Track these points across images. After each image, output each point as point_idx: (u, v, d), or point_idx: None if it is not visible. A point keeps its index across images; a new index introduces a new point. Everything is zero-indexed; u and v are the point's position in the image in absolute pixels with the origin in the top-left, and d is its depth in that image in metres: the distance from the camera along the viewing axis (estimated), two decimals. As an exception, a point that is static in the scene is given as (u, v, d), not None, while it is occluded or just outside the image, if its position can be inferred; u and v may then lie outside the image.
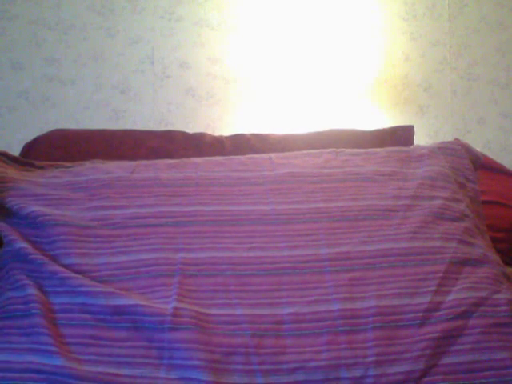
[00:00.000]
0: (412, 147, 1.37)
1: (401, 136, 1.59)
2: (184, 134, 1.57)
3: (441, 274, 1.05)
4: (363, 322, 0.99)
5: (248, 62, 1.99)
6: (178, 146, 1.50)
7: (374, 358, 0.95)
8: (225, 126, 1.96)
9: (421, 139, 1.97)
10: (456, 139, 1.41)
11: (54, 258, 1.04)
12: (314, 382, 0.93)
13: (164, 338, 0.95)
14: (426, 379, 0.94)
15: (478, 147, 1.50)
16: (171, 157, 1.36)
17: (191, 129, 1.76)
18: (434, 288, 1.03)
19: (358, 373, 0.94)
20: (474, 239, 1.13)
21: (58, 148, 1.48)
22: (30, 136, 1.56)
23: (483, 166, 1.36)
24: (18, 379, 0.91)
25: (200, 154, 1.44)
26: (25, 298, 1.00)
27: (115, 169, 1.22)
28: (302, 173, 1.22)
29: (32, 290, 1.00)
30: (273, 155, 1.31)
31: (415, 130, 1.65)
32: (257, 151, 1.45)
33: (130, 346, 0.95)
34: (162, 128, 1.90)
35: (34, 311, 0.98)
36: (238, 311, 0.99)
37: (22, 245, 1.06)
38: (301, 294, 1.02)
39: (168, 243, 1.07)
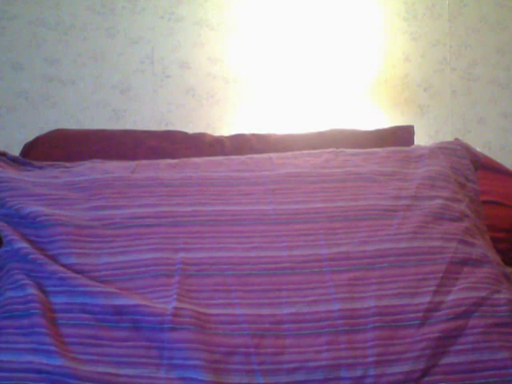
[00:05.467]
0: (412, 147, 1.37)
1: (401, 136, 1.59)
2: (184, 134, 1.57)
3: (441, 274, 1.05)
4: (363, 321, 0.99)
5: (248, 62, 1.99)
6: (178, 146, 1.50)
7: (373, 358, 0.95)
8: (225, 126, 1.96)
9: (421, 139, 1.97)
10: (456, 139, 1.41)
11: (54, 258, 1.04)
12: (314, 381, 0.93)
13: (164, 338, 0.95)
14: (426, 379, 0.94)
15: (478, 147, 1.50)
16: (171, 157, 1.36)
17: (191, 129, 1.76)
18: (433, 288, 1.03)
19: (357, 373, 0.94)
20: (474, 239, 1.13)
21: (57, 148, 1.48)
22: (30, 136, 1.56)
23: (483, 166, 1.36)
24: (17, 379, 0.91)
25: (200, 154, 1.44)
26: (25, 298, 1.00)
27: (115, 169, 1.22)
28: (302, 173, 1.22)
29: (32, 290, 1.00)
30: (273, 155, 1.31)
31: (415, 129, 1.65)
32: (257, 151, 1.45)
33: (130, 346, 0.95)
34: (162, 128, 1.90)
35: (33, 311, 0.98)
36: (238, 311, 0.99)
37: (22, 245, 1.06)
38: (301, 293, 1.02)
39: (168, 243, 1.07)
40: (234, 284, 1.02)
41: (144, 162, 1.27)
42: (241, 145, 1.52)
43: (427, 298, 1.02)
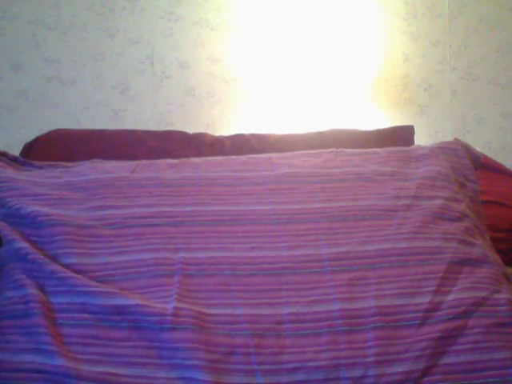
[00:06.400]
0: (412, 147, 1.37)
1: (401, 136, 1.59)
2: (184, 134, 1.57)
3: (441, 274, 1.05)
4: (363, 321, 0.99)
5: (248, 62, 1.99)
6: (177, 146, 1.50)
7: (373, 358, 0.95)
8: (225, 126, 1.96)
9: (421, 139, 1.97)
10: (456, 139, 1.41)
11: (54, 258, 1.04)
12: (314, 381, 0.93)
13: (164, 338, 0.95)
14: (426, 379, 0.94)
15: (478, 147, 1.50)
16: (171, 157, 1.36)
17: (191, 129, 1.75)
18: (433, 288, 1.03)
19: (357, 373, 0.94)
20: (474, 239, 1.13)
21: (57, 148, 1.49)
22: (30, 136, 1.56)
23: (483, 166, 1.36)
24: (17, 379, 0.91)
25: (200, 154, 1.44)
26: (25, 298, 1.00)
27: (115, 169, 1.22)
28: (302, 173, 1.22)
29: (32, 290, 1.00)
30: (273, 155, 1.31)
31: (415, 129, 1.65)
32: (257, 151, 1.45)
33: (130, 346, 0.95)
34: (162, 128, 1.90)
35: (33, 311, 0.98)
36: (238, 311, 0.99)
37: (22, 244, 1.06)
38: (301, 293, 1.02)
39: (168, 243, 1.07)
40: (234, 284, 1.02)
41: (144, 161, 1.27)
42: (241, 145, 1.52)
43: (427, 298, 1.01)
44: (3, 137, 1.87)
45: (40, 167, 1.28)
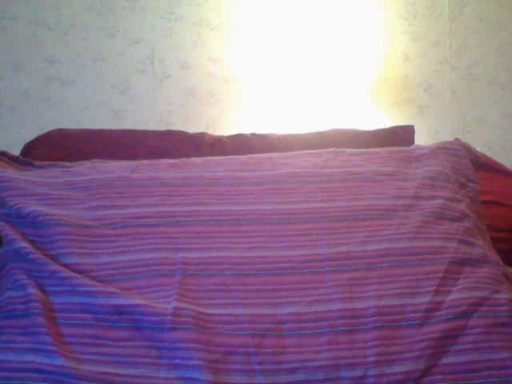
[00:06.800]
0: (412, 147, 1.38)
1: (401, 136, 1.59)
2: (184, 134, 1.57)
3: (441, 274, 1.05)
4: (363, 321, 0.99)
5: (248, 62, 1.99)
6: (178, 145, 1.50)
7: (374, 358, 0.95)
8: (225, 126, 1.96)
9: (421, 139, 1.96)
10: (456, 139, 1.41)
11: (54, 258, 1.05)
12: (314, 381, 0.93)
13: (164, 338, 0.95)
14: (426, 379, 0.94)
15: (478, 147, 1.50)
16: (171, 157, 1.36)
17: (191, 129, 1.75)
18: (434, 288, 1.03)
19: (358, 373, 0.94)
20: (475, 239, 1.13)
21: (57, 148, 1.48)
22: (30, 136, 1.56)
23: (483, 165, 1.36)
24: (17, 379, 0.91)
25: (200, 153, 1.44)
26: (25, 298, 1.00)
27: (115, 169, 1.22)
28: (302, 173, 1.22)
29: (32, 290, 1.00)
30: (273, 155, 1.31)
31: (415, 129, 1.65)
32: (257, 151, 1.45)
33: (130, 346, 0.95)
34: (162, 128, 1.90)
35: (34, 311, 0.98)
36: (238, 311, 0.99)
37: (22, 244, 1.06)
38: (301, 293, 1.02)
39: (168, 243, 1.07)
40: (233, 284, 1.02)
41: (144, 161, 1.28)
42: (241, 145, 1.52)
43: (427, 298, 1.02)
44: (3, 137, 1.87)
45: (40, 167, 1.28)
